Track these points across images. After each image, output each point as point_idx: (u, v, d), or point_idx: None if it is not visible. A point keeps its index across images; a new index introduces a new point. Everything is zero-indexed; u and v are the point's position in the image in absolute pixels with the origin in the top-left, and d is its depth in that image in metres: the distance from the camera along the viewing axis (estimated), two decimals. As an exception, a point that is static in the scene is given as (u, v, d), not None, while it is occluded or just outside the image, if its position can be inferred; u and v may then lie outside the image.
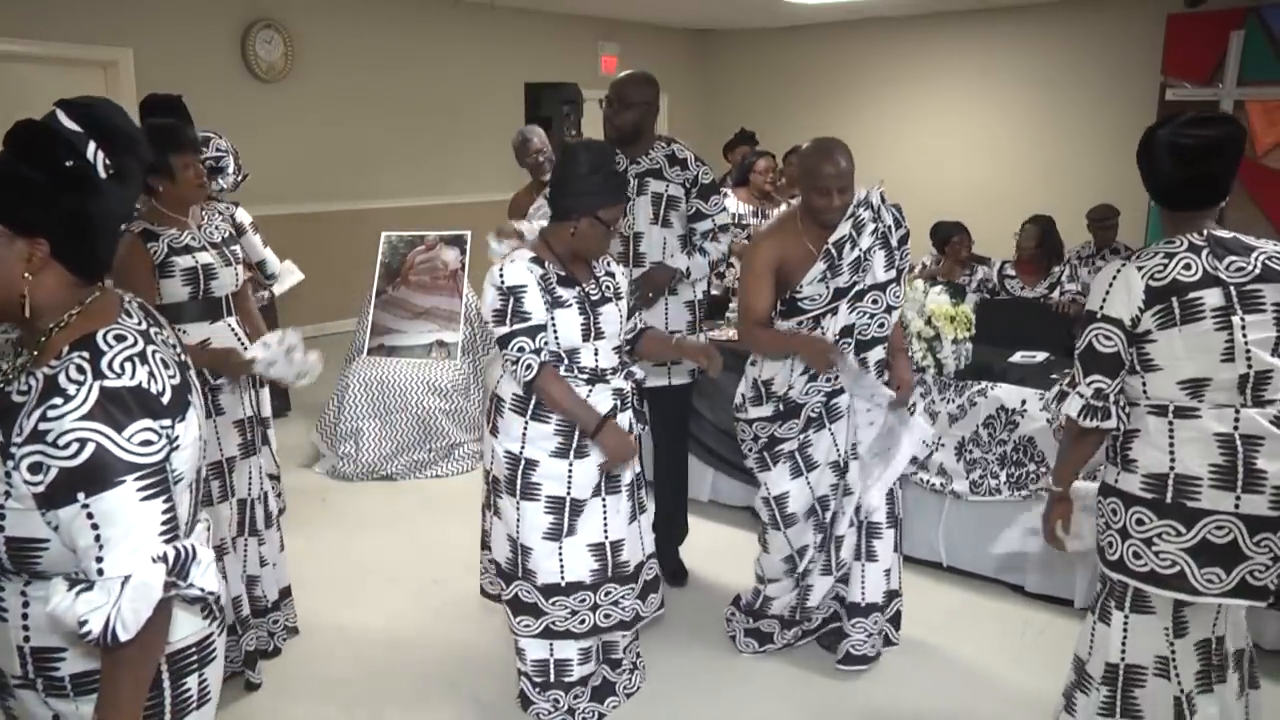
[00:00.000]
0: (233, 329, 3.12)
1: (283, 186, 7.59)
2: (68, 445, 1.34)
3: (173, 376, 1.47)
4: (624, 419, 2.79)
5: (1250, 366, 2.12)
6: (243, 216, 4.39)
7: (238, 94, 7.34)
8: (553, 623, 2.77)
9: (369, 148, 8.39)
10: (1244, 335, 2.11)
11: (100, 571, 1.35)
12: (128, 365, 1.41)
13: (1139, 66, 8.39)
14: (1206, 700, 2.30)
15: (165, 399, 1.44)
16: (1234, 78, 7.75)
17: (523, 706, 2.92)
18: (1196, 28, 7.88)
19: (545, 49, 9.44)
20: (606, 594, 2.80)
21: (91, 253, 1.47)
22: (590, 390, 2.70)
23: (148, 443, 1.39)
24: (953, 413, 3.74)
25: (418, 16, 8.60)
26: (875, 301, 3.00)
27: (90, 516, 1.35)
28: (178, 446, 1.46)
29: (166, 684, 1.53)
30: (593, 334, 2.70)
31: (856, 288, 2.97)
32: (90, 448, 1.35)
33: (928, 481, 3.81)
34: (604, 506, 2.78)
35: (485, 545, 3.00)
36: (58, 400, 1.36)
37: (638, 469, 2.91)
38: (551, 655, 2.85)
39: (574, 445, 2.71)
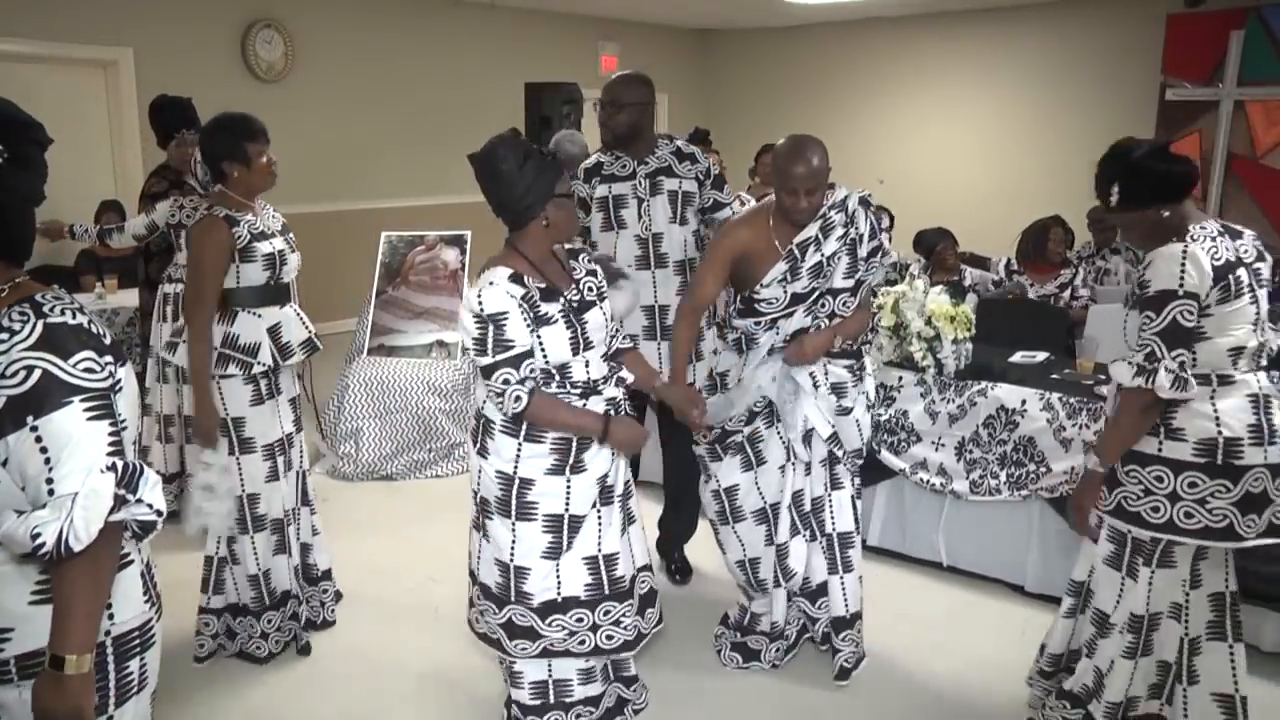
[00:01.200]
0: (298, 314, 3.23)
1: (282, 186, 7.54)
2: (15, 374, 1.42)
3: (107, 336, 1.56)
4: None
5: (1261, 335, 2.48)
6: None
7: (238, 93, 7.33)
8: (551, 644, 2.64)
9: (369, 147, 8.39)
10: (1258, 309, 2.46)
11: (51, 492, 1.41)
12: (68, 311, 1.50)
13: (1139, 66, 8.39)
14: (1214, 646, 2.65)
15: (105, 341, 1.53)
16: (1234, 77, 7.76)
17: None
18: (1197, 27, 7.88)
19: (545, 49, 9.44)
20: (605, 613, 2.67)
21: (5, 235, 1.53)
22: (584, 404, 2.58)
23: (91, 370, 1.47)
24: (953, 413, 3.74)
25: (418, 16, 8.60)
26: (823, 306, 2.94)
27: (39, 440, 1.41)
28: (120, 389, 1.53)
29: (111, 666, 1.57)
30: (581, 346, 2.56)
31: (815, 294, 2.92)
32: (37, 373, 1.42)
33: (928, 481, 3.81)
34: (599, 519, 2.66)
35: (473, 575, 2.76)
36: (3, 336, 1.43)
37: (628, 477, 2.79)
38: (550, 675, 2.73)
39: (570, 461, 2.57)
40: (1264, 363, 2.52)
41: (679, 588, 3.82)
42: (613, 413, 2.61)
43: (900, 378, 3.88)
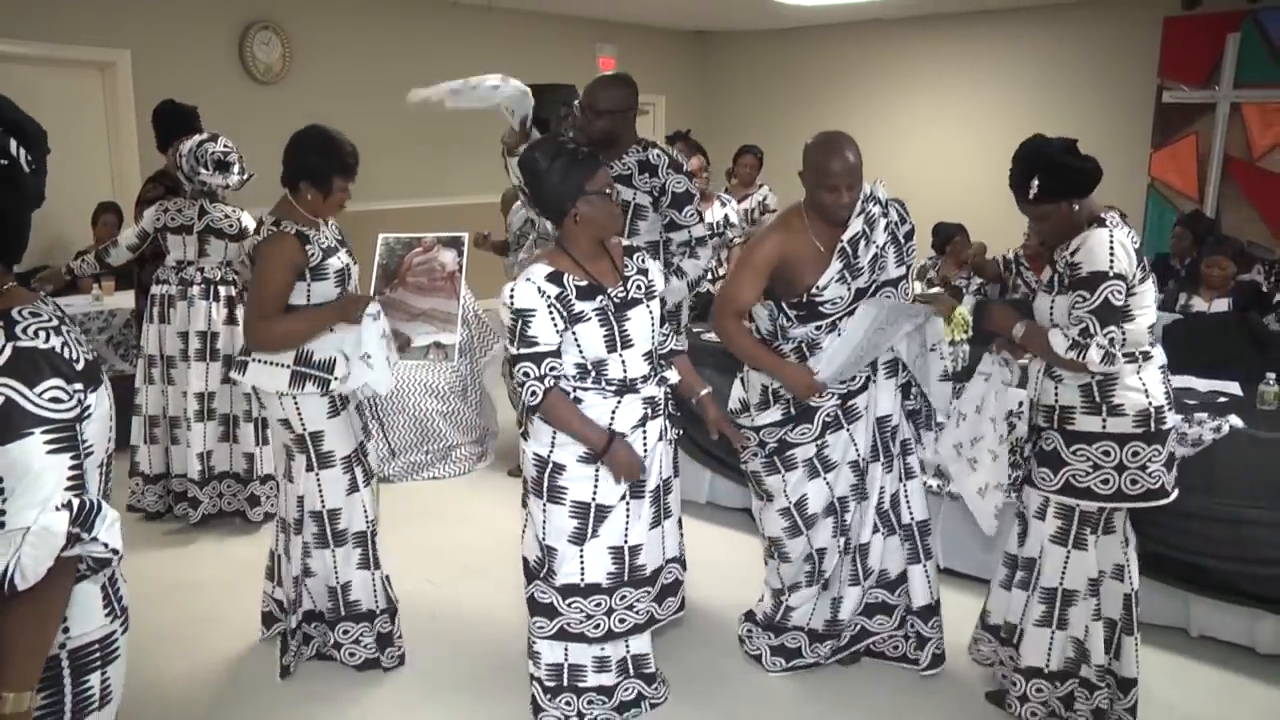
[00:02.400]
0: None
1: (277, 189, 7.58)
2: None
3: (87, 354, 1.51)
4: (654, 427, 2.72)
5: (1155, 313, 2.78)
6: (247, 220, 4.40)
7: (235, 95, 7.33)
8: (567, 624, 2.73)
9: (366, 149, 8.30)
10: (1155, 288, 2.75)
11: (2, 525, 1.36)
12: (42, 333, 1.45)
13: (1135, 69, 8.40)
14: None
15: (78, 367, 1.47)
16: (1230, 80, 7.77)
17: (533, 714, 2.86)
18: (1193, 30, 7.88)
19: (542, 50, 9.43)
20: (622, 598, 2.75)
21: (15, 242, 1.51)
22: (619, 401, 2.63)
23: (57, 400, 1.41)
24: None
25: (415, 18, 8.60)
26: (887, 298, 2.90)
27: None
28: (89, 415, 1.47)
29: (67, 681, 1.51)
30: (619, 344, 2.61)
31: (874, 285, 2.90)
32: None
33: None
34: (627, 511, 2.71)
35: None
36: None
37: (667, 473, 2.82)
38: (566, 659, 2.81)
39: None
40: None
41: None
42: (648, 414, 2.67)
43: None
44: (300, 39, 7.81)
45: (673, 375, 2.78)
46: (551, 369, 2.55)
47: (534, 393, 2.54)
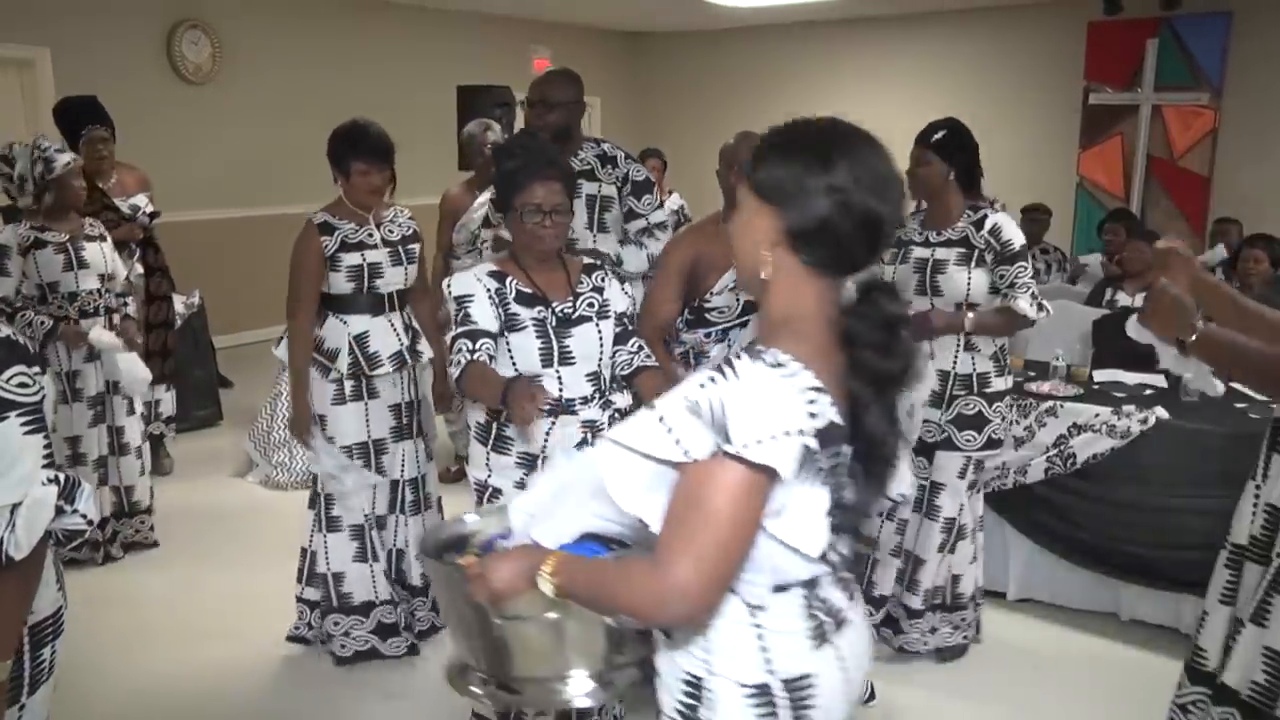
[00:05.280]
0: (392, 325, 3.21)
1: (211, 190, 7.43)
2: None
3: (32, 346, 1.58)
4: None
5: None
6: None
7: (164, 96, 7.17)
8: None
9: (299, 151, 8.21)
10: None
11: None
12: None
13: (1064, 71, 8.61)
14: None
15: (32, 351, 1.54)
16: (1151, 83, 8.01)
17: None
18: (1115, 35, 8.12)
19: (477, 51, 9.37)
20: None
21: None
22: (554, 422, 2.46)
23: (24, 385, 1.49)
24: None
25: (348, 18, 8.49)
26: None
27: None
28: (45, 396, 1.54)
29: (27, 656, 1.59)
30: (555, 359, 2.46)
31: None
32: None
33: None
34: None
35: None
36: None
37: None
38: None
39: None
40: None
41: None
42: (587, 439, 2.47)
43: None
44: (231, 39, 7.66)
45: (621, 399, 2.59)
46: (484, 346, 2.40)
47: (458, 364, 2.37)
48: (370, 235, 3.16)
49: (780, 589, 1.33)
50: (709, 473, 1.19)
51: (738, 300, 2.83)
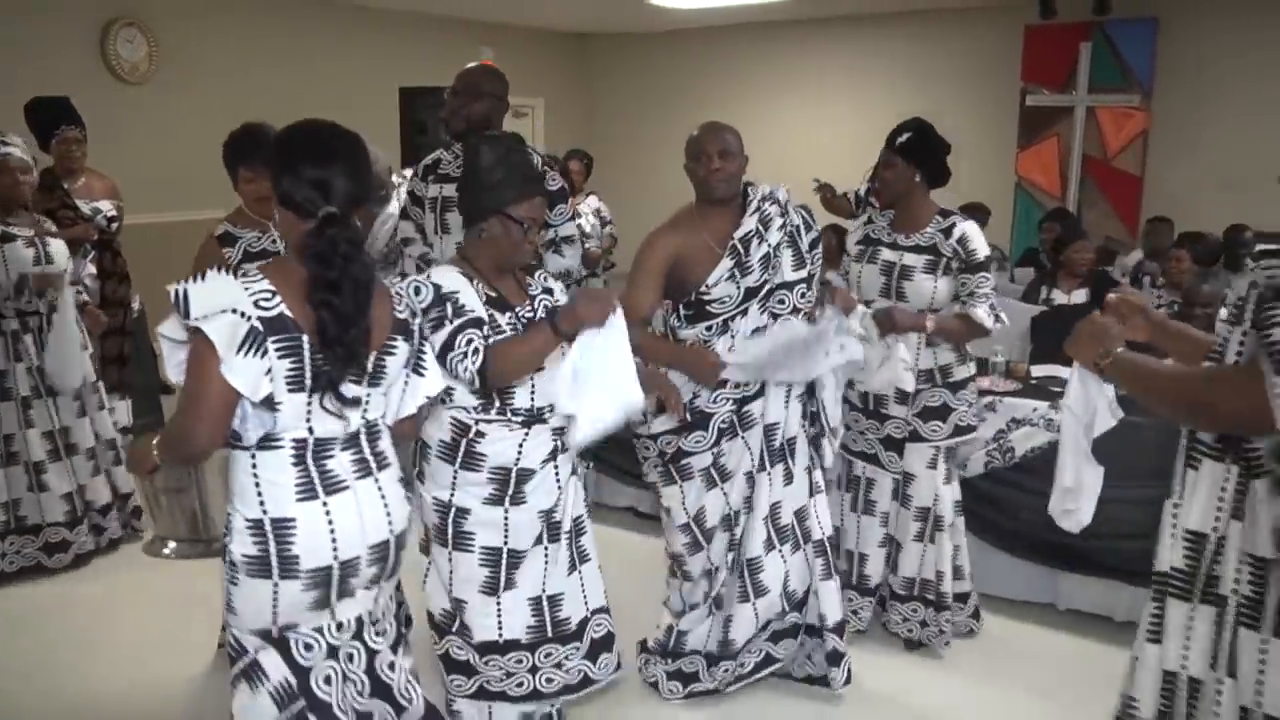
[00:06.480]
0: None
1: (147, 192, 7.27)
2: None
3: None
4: (566, 460, 2.53)
5: None
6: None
7: (98, 95, 6.98)
8: (486, 682, 2.52)
9: (240, 152, 8.12)
10: None
11: None
12: None
13: (1001, 73, 8.76)
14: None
15: None
16: (1085, 85, 8.21)
17: None
18: (1050, 38, 8.30)
19: (420, 52, 9.28)
20: (546, 655, 2.54)
21: None
22: (527, 433, 2.42)
23: None
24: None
25: (288, 18, 8.37)
26: (782, 302, 2.87)
27: None
28: None
29: None
30: None
31: (767, 286, 2.84)
32: None
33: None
34: (545, 556, 2.51)
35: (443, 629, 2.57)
36: None
37: (579, 512, 2.63)
38: (490, 719, 2.58)
39: (509, 493, 2.43)
40: None
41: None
42: (558, 448, 2.48)
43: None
44: (168, 38, 7.51)
45: None
46: (486, 336, 2.32)
47: (476, 350, 2.27)
48: (274, 242, 3.03)
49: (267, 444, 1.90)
50: None
51: (738, 288, 2.82)
